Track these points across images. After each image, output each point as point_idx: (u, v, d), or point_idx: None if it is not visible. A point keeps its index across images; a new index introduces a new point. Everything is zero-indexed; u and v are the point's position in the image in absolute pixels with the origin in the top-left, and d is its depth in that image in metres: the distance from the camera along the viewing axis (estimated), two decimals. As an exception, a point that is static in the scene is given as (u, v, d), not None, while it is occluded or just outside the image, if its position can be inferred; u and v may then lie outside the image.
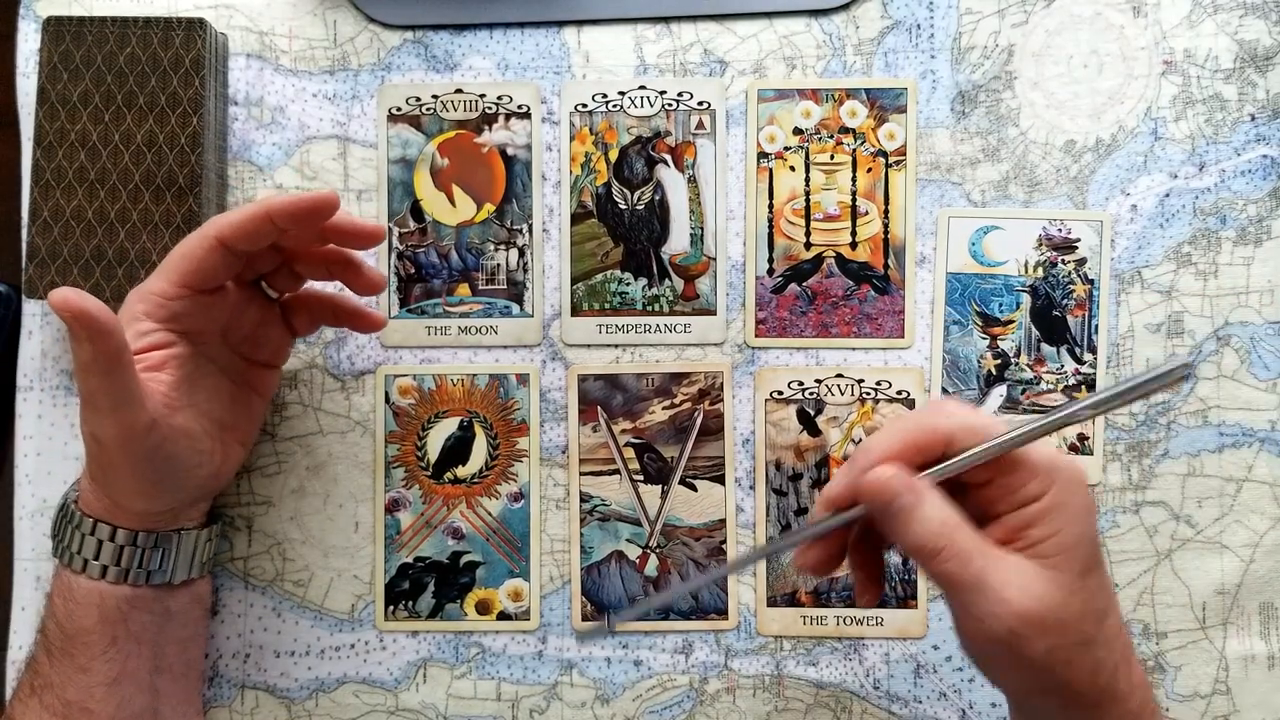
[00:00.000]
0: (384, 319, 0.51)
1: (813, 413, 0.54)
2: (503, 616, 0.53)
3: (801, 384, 0.54)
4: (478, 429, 0.54)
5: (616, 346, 0.55)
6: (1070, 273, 0.54)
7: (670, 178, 0.55)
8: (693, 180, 0.55)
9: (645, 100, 0.55)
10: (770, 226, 0.55)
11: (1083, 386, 0.53)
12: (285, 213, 0.43)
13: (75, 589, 0.45)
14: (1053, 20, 0.55)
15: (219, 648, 0.53)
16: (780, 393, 0.54)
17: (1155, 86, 0.54)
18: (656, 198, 0.55)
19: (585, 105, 0.55)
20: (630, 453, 0.54)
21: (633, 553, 0.54)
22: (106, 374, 0.40)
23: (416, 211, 0.55)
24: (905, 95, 0.55)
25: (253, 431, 0.51)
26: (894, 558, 0.53)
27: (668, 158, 0.55)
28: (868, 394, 0.54)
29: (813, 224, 0.55)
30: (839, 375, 0.54)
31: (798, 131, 0.55)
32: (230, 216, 0.43)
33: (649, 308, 0.55)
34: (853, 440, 0.54)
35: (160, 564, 0.47)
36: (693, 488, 0.54)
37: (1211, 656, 0.52)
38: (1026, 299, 0.54)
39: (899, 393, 0.54)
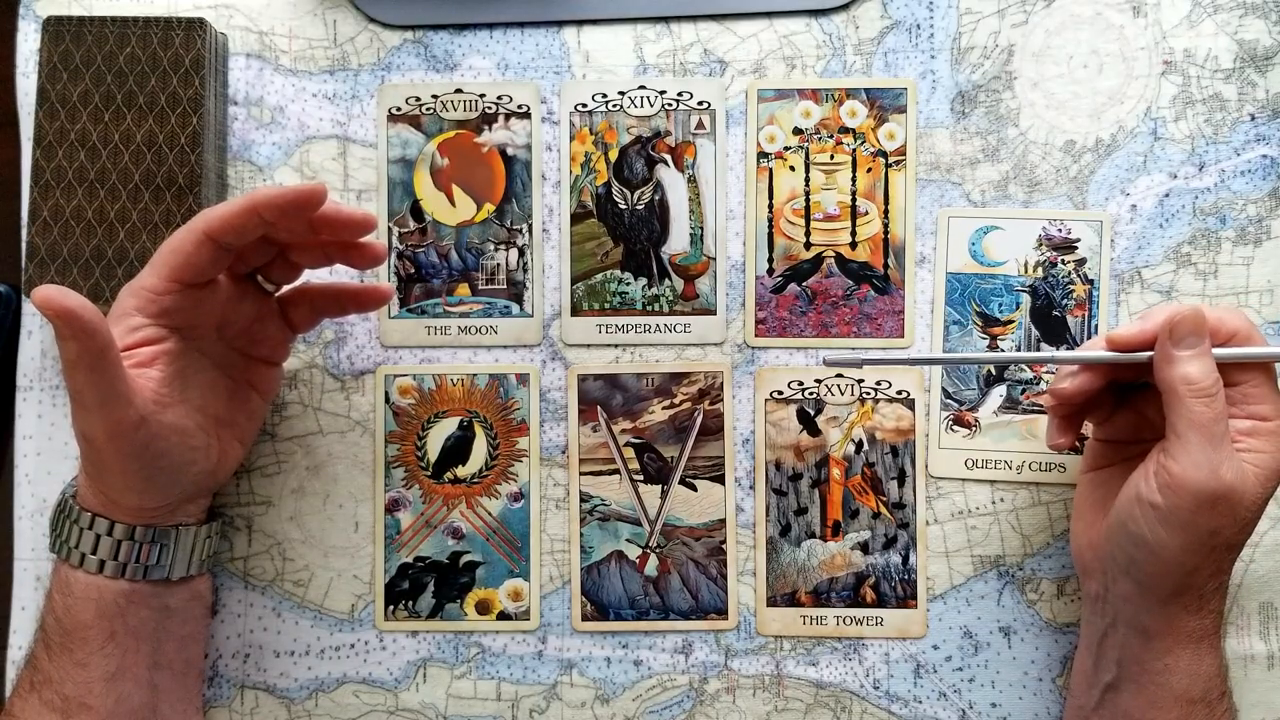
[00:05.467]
0: (390, 289, 0.51)
1: (812, 412, 0.54)
2: (503, 616, 0.53)
3: (801, 384, 0.54)
4: (478, 429, 0.54)
5: (616, 346, 0.55)
6: (1070, 273, 0.54)
7: (670, 178, 0.55)
8: (692, 180, 0.55)
9: (645, 100, 0.55)
10: (770, 226, 0.55)
11: (1083, 386, 0.53)
12: (272, 206, 0.43)
13: (73, 584, 0.45)
14: (1053, 20, 0.55)
15: (219, 647, 0.53)
16: (780, 393, 0.54)
17: (1155, 86, 0.54)
18: (656, 198, 0.55)
19: (585, 105, 0.55)
20: (630, 453, 0.54)
21: (633, 553, 0.54)
22: (92, 371, 0.40)
23: (416, 211, 0.55)
24: (905, 95, 0.55)
25: (252, 429, 0.51)
26: (894, 558, 0.53)
27: (667, 157, 0.55)
28: (867, 394, 0.54)
29: (813, 224, 0.55)
30: (839, 375, 0.54)
31: (797, 131, 0.55)
32: (217, 210, 0.43)
33: (649, 308, 0.55)
34: (852, 440, 0.54)
35: (158, 559, 0.47)
36: (693, 488, 0.54)
37: (1211, 656, 0.52)
38: (1026, 299, 0.54)
39: (899, 393, 0.54)
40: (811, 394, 0.54)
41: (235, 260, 0.46)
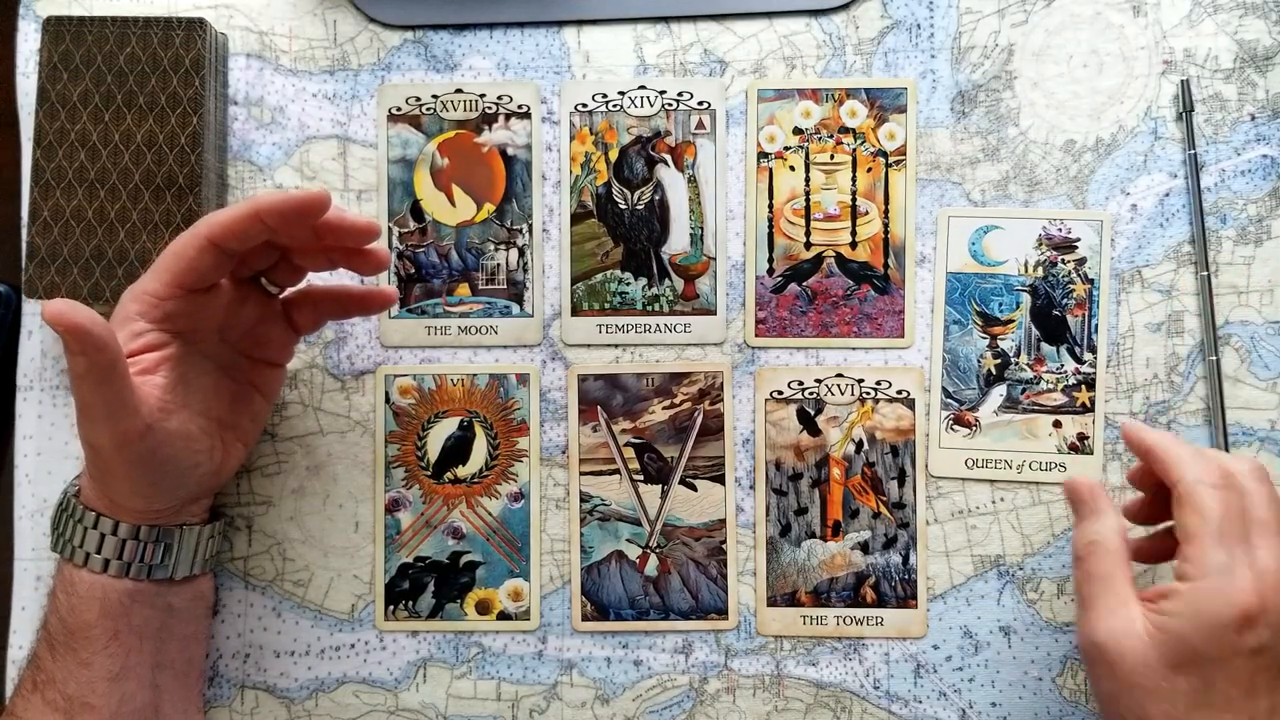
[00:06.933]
0: (394, 293, 0.51)
1: (813, 412, 0.54)
2: (503, 616, 0.53)
3: (801, 384, 0.54)
4: (478, 429, 0.54)
5: (616, 346, 0.55)
6: (1070, 272, 0.54)
7: (670, 177, 0.55)
8: (693, 180, 0.55)
9: (645, 100, 0.55)
10: (770, 226, 0.55)
11: (1083, 386, 0.53)
12: (275, 212, 0.43)
13: (77, 583, 0.45)
14: (1053, 20, 0.55)
15: (219, 647, 0.53)
16: (780, 392, 0.54)
17: (1155, 86, 0.54)
18: (656, 197, 0.55)
19: (585, 105, 0.55)
20: (630, 452, 0.54)
21: (633, 553, 0.54)
22: (100, 384, 0.40)
23: (416, 211, 0.55)
24: (905, 95, 0.55)
25: (255, 431, 0.51)
26: (894, 558, 0.53)
27: (668, 157, 0.55)
28: (868, 394, 0.54)
29: (813, 224, 0.55)
30: (839, 375, 0.54)
31: (798, 131, 0.55)
32: (220, 216, 0.43)
33: (649, 308, 0.55)
34: (852, 440, 0.54)
35: (162, 559, 0.47)
36: (693, 488, 0.54)
37: (1212, 656, 0.52)
38: (1026, 298, 0.54)
39: (899, 392, 0.54)
40: (811, 394, 0.54)
41: (238, 264, 0.46)
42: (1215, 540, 0.40)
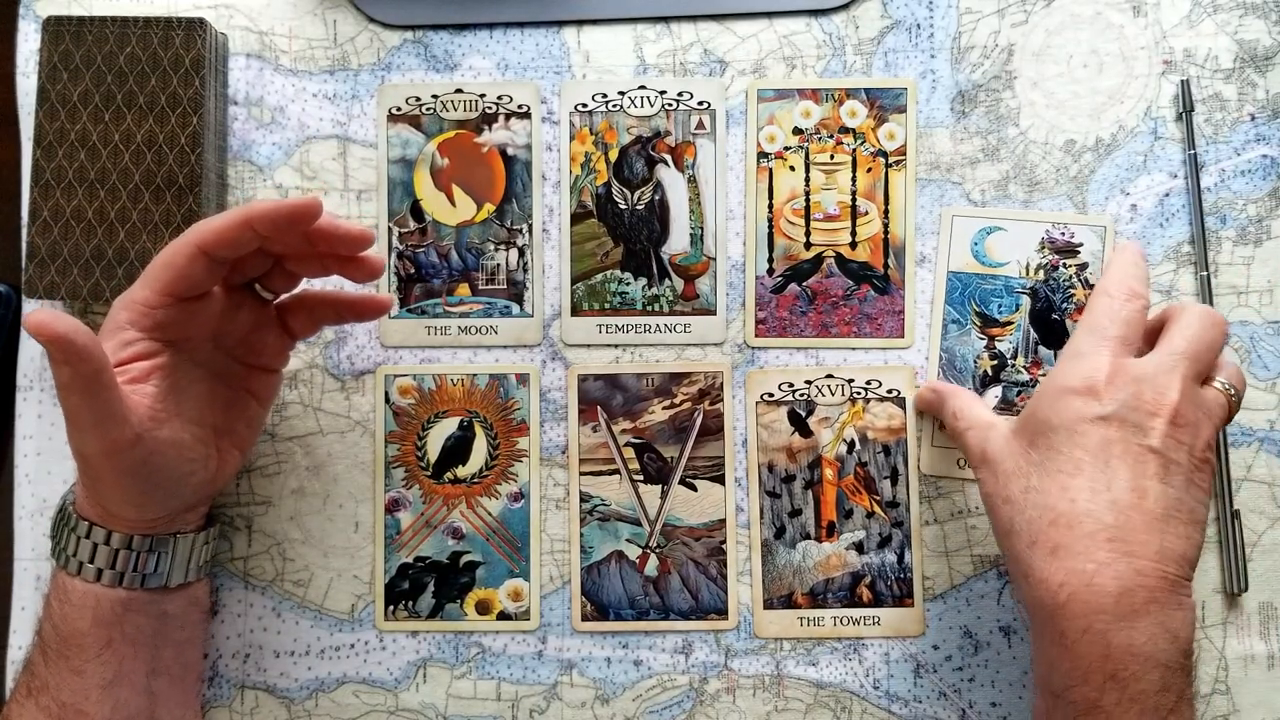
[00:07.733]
0: (390, 299, 0.51)
1: (804, 414, 0.54)
2: (503, 616, 0.54)
3: (792, 385, 0.54)
4: (478, 429, 0.54)
5: (616, 346, 0.55)
6: (1071, 277, 0.54)
7: (670, 177, 0.55)
8: (692, 180, 0.55)
9: (645, 100, 0.55)
10: (770, 226, 0.55)
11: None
12: (266, 219, 0.42)
13: (71, 591, 0.45)
14: (1053, 20, 0.55)
15: (219, 648, 0.53)
16: (771, 395, 0.54)
17: (1155, 86, 0.54)
18: (656, 198, 0.55)
19: (585, 105, 0.55)
20: (630, 453, 0.54)
21: (633, 553, 0.54)
22: (86, 394, 0.40)
23: (416, 211, 0.55)
24: (905, 95, 0.55)
25: (252, 437, 0.50)
26: (889, 556, 0.53)
27: (668, 157, 0.55)
28: (858, 394, 0.54)
29: (812, 224, 0.55)
30: (829, 376, 0.54)
31: (797, 131, 0.55)
32: (211, 223, 0.43)
33: (649, 308, 0.55)
34: (844, 440, 0.54)
35: (156, 568, 0.47)
36: (692, 488, 0.54)
37: (1211, 656, 0.52)
38: (1026, 301, 0.54)
39: (889, 391, 0.54)
40: (802, 395, 0.54)
41: (231, 271, 0.45)
42: (1086, 331, 0.44)
